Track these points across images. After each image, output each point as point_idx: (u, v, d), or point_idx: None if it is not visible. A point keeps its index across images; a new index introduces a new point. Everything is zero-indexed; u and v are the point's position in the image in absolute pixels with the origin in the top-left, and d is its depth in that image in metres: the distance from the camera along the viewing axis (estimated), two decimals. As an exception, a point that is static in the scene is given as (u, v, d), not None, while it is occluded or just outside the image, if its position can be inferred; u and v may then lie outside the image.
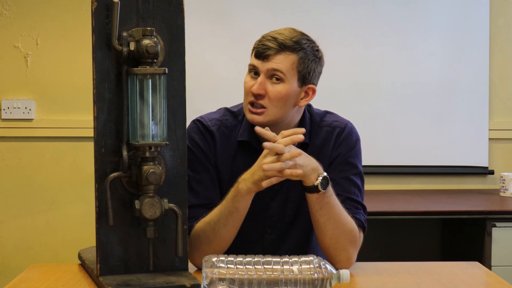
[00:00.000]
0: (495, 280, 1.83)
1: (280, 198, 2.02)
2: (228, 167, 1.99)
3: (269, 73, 1.91)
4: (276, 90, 1.91)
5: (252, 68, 1.95)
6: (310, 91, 1.98)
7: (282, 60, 1.91)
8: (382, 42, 3.68)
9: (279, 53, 1.90)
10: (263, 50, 1.91)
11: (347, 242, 1.89)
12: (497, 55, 3.76)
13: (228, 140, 2.01)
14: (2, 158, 3.69)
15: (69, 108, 3.68)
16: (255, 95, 1.91)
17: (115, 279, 1.62)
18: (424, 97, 3.71)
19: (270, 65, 1.90)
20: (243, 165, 1.91)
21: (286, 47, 1.91)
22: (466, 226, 3.38)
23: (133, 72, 1.60)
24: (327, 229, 1.88)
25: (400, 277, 1.83)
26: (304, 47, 1.93)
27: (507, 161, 3.77)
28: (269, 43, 1.91)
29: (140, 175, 1.61)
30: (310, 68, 1.95)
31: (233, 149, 2.01)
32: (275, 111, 1.93)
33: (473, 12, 3.71)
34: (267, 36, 1.94)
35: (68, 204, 3.71)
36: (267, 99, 1.91)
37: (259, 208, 1.97)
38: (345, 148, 2.01)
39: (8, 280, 3.56)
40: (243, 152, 2.00)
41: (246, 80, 1.96)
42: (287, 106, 1.94)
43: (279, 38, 1.91)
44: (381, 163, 3.68)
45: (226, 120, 2.04)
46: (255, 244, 2.04)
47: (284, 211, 2.03)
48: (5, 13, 3.65)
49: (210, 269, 1.57)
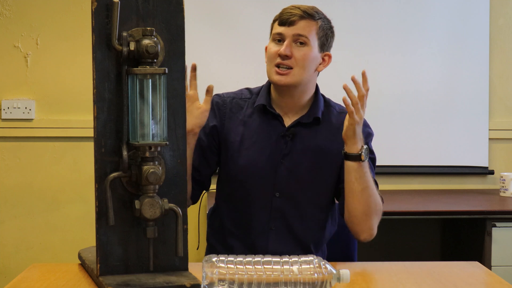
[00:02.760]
0: (495, 280, 1.83)
1: (288, 161, 2.15)
2: (240, 130, 2.18)
3: (294, 38, 2.09)
4: (301, 52, 2.09)
5: (277, 36, 2.11)
6: (327, 58, 2.17)
7: (306, 25, 2.10)
8: (382, 42, 3.68)
9: (303, 19, 2.09)
10: (289, 16, 2.09)
11: (375, 211, 2.09)
12: (497, 55, 3.76)
13: (241, 109, 2.21)
14: (2, 158, 3.69)
15: (69, 108, 3.68)
16: (282, 56, 2.08)
17: (115, 279, 1.62)
18: (424, 97, 3.71)
19: (295, 30, 2.09)
20: (256, 126, 2.17)
21: (309, 15, 2.11)
22: (466, 226, 3.38)
23: (133, 72, 1.60)
24: (363, 197, 2.06)
25: (400, 277, 1.83)
26: (322, 17, 2.15)
27: (507, 161, 3.77)
28: (293, 10, 2.10)
29: (140, 175, 1.61)
30: (328, 36, 2.16)
31: (247, 115, 2.19)
32: (300, 72, 2.10)
33: (473, 12, 3.71)
34: (289, 7, 2.13)
35: (68, 204, 3.71)
36: (294, 60, 2.09)
37: (268, 169, 2.13)
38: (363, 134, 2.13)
39: (8, 280, 3.56)
40: (258, 115, 2.18)
41: (270, 47, 2.13)
42: (310, 68, 2.12)
43: (301, 7, 2.12)
44: (381, 163, 3.66)
45: (241, 94, 2.25)
46: (263, 209, 2.14)
47: (293, 176, 2.14)
48: (5, 13, 3.65)
49: (210, 269, 1.57)
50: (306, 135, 2.16)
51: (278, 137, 2.16)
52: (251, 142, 2.17)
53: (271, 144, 2.16)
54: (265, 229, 2.15)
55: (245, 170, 2.15)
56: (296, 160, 2.15)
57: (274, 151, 2.15)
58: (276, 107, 2.18)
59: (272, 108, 2.17)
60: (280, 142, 2.16)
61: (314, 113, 2.17)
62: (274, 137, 2.16)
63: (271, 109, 2.17)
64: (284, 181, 2.14)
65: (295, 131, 2.16)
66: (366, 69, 2.04)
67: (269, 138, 2.16)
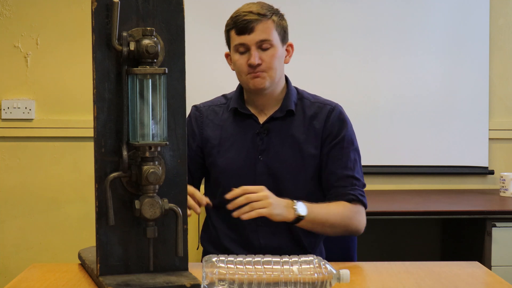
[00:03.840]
0: (495, 280, 1.83)
1: (266, 157, 2.17)
2: (218, 134, 2.22)
3: (258, 44, 2.10)
4: (269, 55, 2.11)
5: (240, 47, 2.12)
6: (290, 48, 2.20)
7: (265, 28, 2.10)
8: (382, 41, 3.68)
9: (260, 22, 2.09)
10: (246, 24, 2.09)
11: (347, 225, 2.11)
12: (497, 55, 3.76)
13: (216, 115, 2.25)
14: (2, 158, 3.69)
15: (69, 108, 3.68)
16: (254, 66, 2.10)
17: (115, 279, 1.62)
18: (424, 97, 3.70)
19: (257, 36, 2.09)
20: (232, 129, 2.20)
21: (263, 15, 2.10)
22: (466, 226, 3.38)
23: (133, 72, 1.60)
24: (327, 232, 2.14)
25: (400, 277, 1.83)
26: (273, 11, 2.14)
27: (507, 161, 3.77)
28: (247, 16, 2.10)
29: (140, 175, 1.61)
30: (284, 28, 2.16)
31: (223, 119, 2.23)
32: (274, 73, 2.13)
33: (473, 12, 3.71)
34: (241, 13, 2.12)
35: (68, 204, 3.71)
36: (265, 66, 2.11)
37: (247, 168, 2.16)
38: (340, 124, 2.18)
39: (8, 280, 3.56)
40: (233, 118, 2.22)
41: (236, 59, 2.14)
42: (281, 65, 2.15)
43: (254, 10, 2.11)
44: (381, 163, 3.69)
45: (217, 101, 2.30)
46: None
47: (272, 171, 2.17)
48: (5, 13, 3.65)
49: (210, 269, 1.57)
50: (281, 129, 2.19)
51: (253, 135, 2.19)
52: (229, 145, 2.21)
53: (248, 143, 2.19)
54: (253, 226, 2.17)
55: (225, 171, 2.19)
56: (273, 155, 2.18)
57: (251, 149, 2.18)
58: (250, 107, 2.21)
59: (244, 109, 2.21)
60: (256, 139, 2.19)
61: (287, 106, 2.19)
62: (249, 136, 2.19)
63: (243, 110, 2.20)
64: (264, 177, 2.17)
65: (269, 127, 2.19)
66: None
67: (245, 137, 2.20)
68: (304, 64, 3.58)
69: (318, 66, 3.66)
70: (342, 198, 2.13)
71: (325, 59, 3.67)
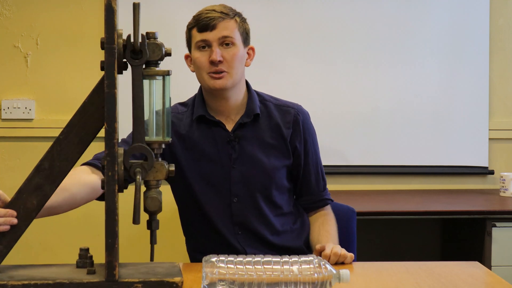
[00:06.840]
0: (495, 280, 1.83)
1: (239, 165, 2.15)
2: (182, 143, 2.15)
3: (220, 40, 2.09)
4: (231, 53, 2.09)
5: (201, 43, 2.09)
6: (251, 51, 2.19)
7: (227, 26, 2.09)
8: (381, 41, 3.68)
9: (222, 20, 2.08)
10: (208, 21, 2.07)
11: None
12: (497, 55, 3.76)
13: (180, 122, 2.18)
14: (2, 158, 3.69)
15: (69, 108, 3.67)
16: (215, 63, 2.07)
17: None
18: (424, 97, 3.70)
19: (219, 33, 2.08)
20: (198, 137, 2.15)
21: (226, 14, 2.10)
22: (466, 226, 3.38)
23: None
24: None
25: (400, 277, 1.83)
26: (236, 13, 2.14)
27: (507, 161, 3.77)
28: (210, 14, 2.09)
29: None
30: (247, 30, 2.16)
31: (186, 129, 2.17)
32: (234, 73, 2.10)
33: (473, 12, 3.70)
34: (204, 12, 2.11)
35: (68, 204, 3.70)
36: (226, 64, 2.09)
37: (221, 178, 2.14)
38: (306, 127, 2.22)
39: (8, 280, 3.55)
40: (197, 126, 2.17)
41: (197, 56, 2.11)
42: (241, 66, 2.13)
43: (216, 9, 2.11)
44: (381, 163, 3.68)
45: (176, 109, 2.22)
46: (225, 216, 2.15)
47: (246, 178, 2.15)
48: (5, 13, 3.65)
49: (210, 269, 1.56)
50: (251, 134, 2.17)
51: (224, 143, 2.16)
52: (197, 154, 2.16)
53: (219, 151, 2.15)
54: (232, 235, 2.16)
55: (198, 182, 2.15)
56: (247, 162, 2.15)
57: (223, 157, 2.15)
58: (215, 114, 2.17)
59: (211, 116, 2.16)
60: (227, 147, 2.15)
61: (252, 110, 2.17)
62: (219, 144, 2.16)
63: (211, 117, 2.16)
64: (239, 185, 2.15)
65: (239, 134, 2.16)
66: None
67: (214, 145, 2.16)
68: (304, 69, 3.60)
69: (319, 69, 3.65)
70: (319, 204, 2.27)
71: (325, 59, 3.67)
